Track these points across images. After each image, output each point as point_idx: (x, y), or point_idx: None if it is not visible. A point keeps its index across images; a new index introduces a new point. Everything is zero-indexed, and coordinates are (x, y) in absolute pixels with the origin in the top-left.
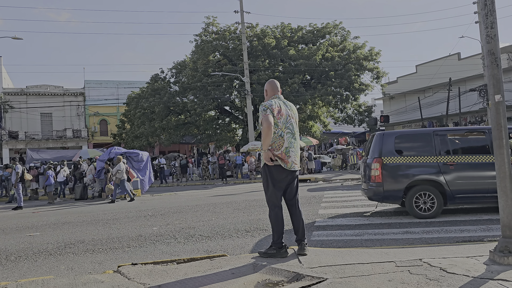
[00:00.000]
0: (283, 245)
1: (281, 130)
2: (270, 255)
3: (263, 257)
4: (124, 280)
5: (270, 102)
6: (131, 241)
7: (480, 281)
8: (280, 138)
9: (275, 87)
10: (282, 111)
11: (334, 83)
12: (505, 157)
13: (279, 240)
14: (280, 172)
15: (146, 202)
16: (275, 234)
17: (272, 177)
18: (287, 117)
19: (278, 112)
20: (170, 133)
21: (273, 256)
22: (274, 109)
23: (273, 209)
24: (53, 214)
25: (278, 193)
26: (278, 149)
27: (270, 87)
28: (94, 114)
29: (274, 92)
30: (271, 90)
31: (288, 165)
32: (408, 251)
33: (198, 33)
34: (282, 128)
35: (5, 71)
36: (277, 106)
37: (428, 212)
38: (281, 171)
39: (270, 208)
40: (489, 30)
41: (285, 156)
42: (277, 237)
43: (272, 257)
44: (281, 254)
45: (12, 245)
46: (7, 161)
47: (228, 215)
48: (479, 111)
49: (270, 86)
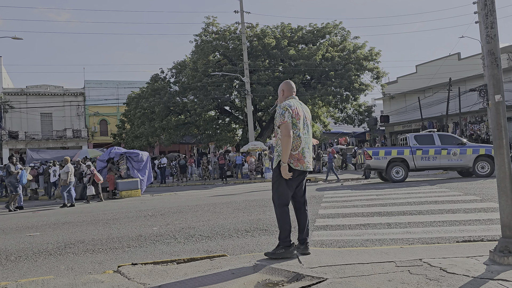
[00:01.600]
0: (291, 244)
1: (299, 131)
2: (279, 256)
3: (271, 258)
4: (124, 280)
5: (288, 103)
6: (131, 241)
7: (480, 281)
8: (298, 138)
9: (292, 87)
10: (300, 112)
11: (334, 83)
12: (505, 157)
13: (287, 239)
14: (294, 172)
15: (146, 202)
16: (284, 233)
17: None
18: (304, 118)
19: (297, 114)
20: (170, 133)
21: (282, 256)
22: (293, 110)
23: (281, 207)
24: (53, 214)
25: (289, 192)
26: (295, 149)
27: (286, 87)
28: (94, 114)
29: (290, 93)
30: (287, 90)
31: (304, 166)
32: (408, 251)
33: (198, 33)
34: (301, 129)
35: (5, 71)
36: (296, 107)
37: None
38: (296, 171)
39: (278, 206)
40: (489, 30)
41: (301, 156)
42: (285, 236)
43: (281, 258)
44: (290, 253)
45: (12, 245)
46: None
47: (228, 215)
48: (479, 111)
49: (287, 86)
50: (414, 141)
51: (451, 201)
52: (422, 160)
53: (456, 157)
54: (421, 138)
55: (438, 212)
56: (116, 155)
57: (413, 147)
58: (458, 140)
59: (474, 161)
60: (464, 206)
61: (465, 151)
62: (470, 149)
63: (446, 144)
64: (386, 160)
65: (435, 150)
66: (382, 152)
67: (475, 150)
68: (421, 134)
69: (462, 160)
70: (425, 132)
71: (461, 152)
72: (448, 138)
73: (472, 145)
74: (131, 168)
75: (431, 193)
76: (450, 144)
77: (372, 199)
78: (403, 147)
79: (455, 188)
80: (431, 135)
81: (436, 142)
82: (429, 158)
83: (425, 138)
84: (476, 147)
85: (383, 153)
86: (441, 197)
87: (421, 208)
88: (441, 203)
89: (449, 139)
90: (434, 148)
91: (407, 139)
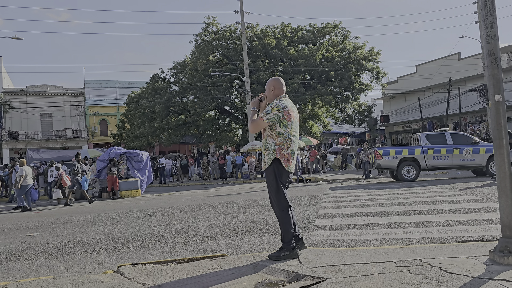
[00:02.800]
0: (295, 246)
1: (289, 132)
2: (284, 258)
3: (276, 260)
4: (124, 280)
5: (284, 103)
6: (131, 241)
7: (480, 281)
8: (288, 139)
9: (283, 85)
10: (292, 114)
11: (334, 83)
12: (505, 157)
13: (292, 241)
14: (286, 172)
15: (146, 202)
16: (288, 235)
17: (280, 177)
18: (296, 119)
19: (288, 115)
20: (170, 133)
21: (288, 258)
22: (285, 111)
23: (285, 209)
24: (53, 214)
25: (286, 193)
26: (286, 149)
27: (277, 85)
28: (94, 114)
29: (281, 91)
30: (278, 88)
31: (291, 168)
32: (408, 251)
33: (198, 33)
34: (290, 130)
35: (5, 71)
36: (289, 109)
37: None
38: (286, 172)
39: (282, 209)
40: (489, 30)
41: (290, 157)
42: (290, 239)
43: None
44: (295, 255)
45: (12, 245)
46: (7, 161)
47: (228, 215)
48: (479, 111)
49: (278, 84)
50: (425, 141)
51: (451, 201)
52: (434, 159)
53: (469, 156)
54: (433, 137)
55: (438, 212)
56: (116, 155)
57: (424, 146)
58: (471, 139)
59: (487, 160)
60: (464, 206)
61: (478, 150)
62: (483, 148)
63: (459, 143)
64: (397, 159)
65: (447, 149)
66: (392, 151)
67: (488, 149)
68: (433, 133)
69: (475, 159)
70: (437, 131)
71: (474, 151)
72: (460, 137)
73: (485, 144)
74: (131, 168)
75: (431, 193)
76: (462, 143)
77: (372, 199)
78: (414, 146)
79: (455, 188)
80: (443, 134)
81: (448, 141)
82: (440, 158)
83: (437, 137)
84: (490, 146)
85: (393, 152)
86: (441, 197)
87: (421, 208)
88: (441, 203)
89: (461, 138)
90: (446, 147)
91: (418, 139)
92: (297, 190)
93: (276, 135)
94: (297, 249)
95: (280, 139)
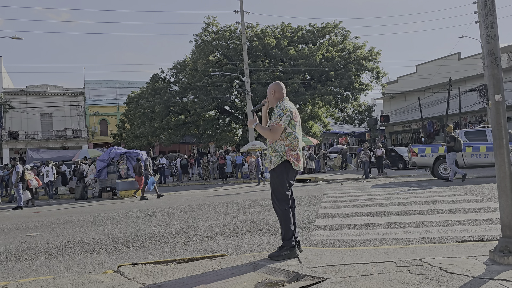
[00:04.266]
0: (295, 245)
1: (296, 133)
2: (285, 257)
3: (276, 260)
4: (124, 280)
5: (288, 106)
6: (131, 241)
7: (480, 281)
8: (295, 139)
9: (283, 89)
10: (297, 114)
11: (334, 83)
12: (505, 157)
13: (292, 239)
14: (292, 172)
15: (146, 202)
16: (288, 234)
17: (287, 176)
18: (299, 119)
19: (295, 116)
20: (170, 133)
21: (288, 257)
22: (293, 112)
23: (285, 207)
24: (53, 214)
25: (288, 192)
26: (294, 149)
27: (278, 89)
28: (94, 114)
29: (281, 94)
30: (279, 91)
31: (300, 166)
32: (408, 251)
33: (198, 33)
34: (297, 131)
35: (5, 71)
36: (294, 110)
37: None
38: (293, 171)
39: (282, 206)
40: (489, 30)
41: (299, 157)
42: (290, 237)
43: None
44: (295, 254)
45: (12, 245)
46: (7, 161)
47: (228, 215)
48: (479, 111)
49: (278, 88)
50: (464, 138)
51: (451, 201)
52: (473, 157)
53: None
54: (472, 134)
55: (438, 212)
56: (116, 155)
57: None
58: None
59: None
60: (464, 206)
61: None
62: None
63: None
64: (433, 157)
65: (487, 146)
66: (428, 149)
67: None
68: (473, 130)
69: None
70: (478, 128)
71: None
72: None
73: None
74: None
75: (431, 193)
76: None
77: (372, 199)
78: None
79: (455, 188)
80: (483, 130)
81: (489, 138)
82: (480, 155)
83: (477, 134)
84: None
85: (429, 150)
86: (441, 197)
87: (421, 208)
88: (441, 203)
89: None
90: (486, 144)
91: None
92: (297, 190)
93: (285, 136)
94: (296, 248)
95: (289, 140)
